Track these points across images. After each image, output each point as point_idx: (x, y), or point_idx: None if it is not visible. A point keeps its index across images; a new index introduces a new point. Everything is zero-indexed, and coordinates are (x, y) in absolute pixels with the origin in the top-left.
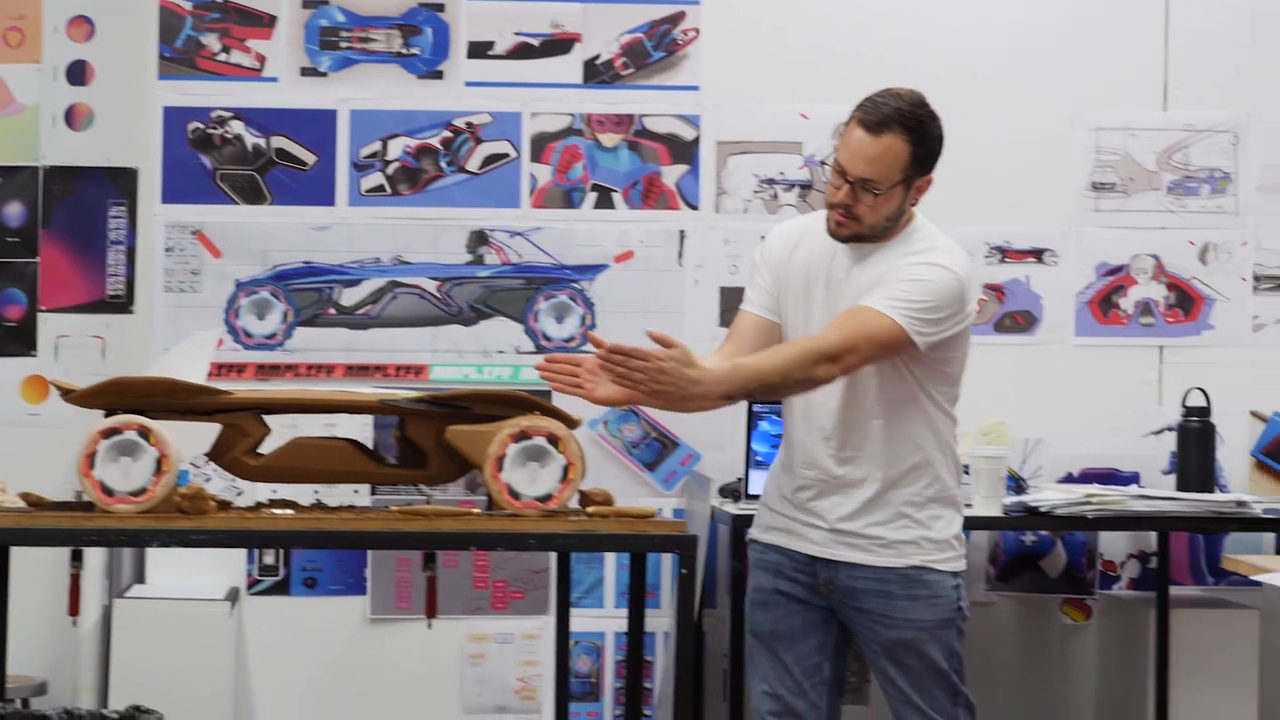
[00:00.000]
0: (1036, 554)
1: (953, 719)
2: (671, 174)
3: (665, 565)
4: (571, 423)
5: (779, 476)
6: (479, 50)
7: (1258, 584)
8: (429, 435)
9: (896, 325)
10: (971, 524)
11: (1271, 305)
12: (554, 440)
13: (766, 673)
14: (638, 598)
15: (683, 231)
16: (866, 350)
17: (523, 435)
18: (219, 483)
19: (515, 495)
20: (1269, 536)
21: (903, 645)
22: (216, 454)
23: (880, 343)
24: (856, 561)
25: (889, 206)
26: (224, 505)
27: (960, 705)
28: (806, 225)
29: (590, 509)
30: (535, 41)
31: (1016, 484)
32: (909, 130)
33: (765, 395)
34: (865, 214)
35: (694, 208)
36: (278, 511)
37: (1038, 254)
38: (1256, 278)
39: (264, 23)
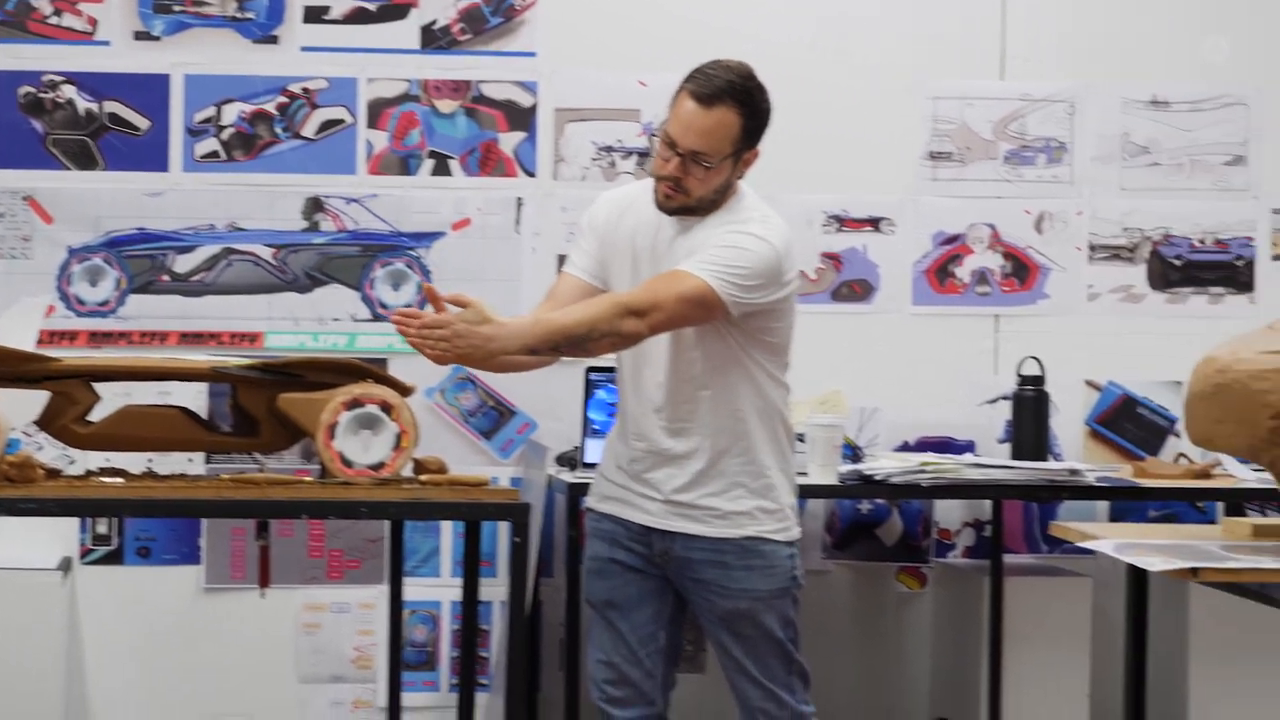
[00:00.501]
0: (872, 522)
1: (787, 687)
2: (509, 141)
3: (502, 534)
4: (405, 390)
5: (615, 446)
6: (314, 15)
7: (1091, 552)
8: (261, 403)
9: (706, 285)
10: (807, 492)
11: (1106, 274)
12: (387, 408)
13: (602, 642)
14: (472, 566)
15: (520, 199)
16: (673, 308)
17: (355, 403)
18: (52, 451)
19: (348, 463)
20: (1102, 504)
21: (739, 615)
22: (45, 422)
23: (689, 300)
24: (692, 533)
25: (718, 180)
26: (53, 474)
27: (795, 674)
28: (636, 193)
29: (424, 477)
30: (371, 6)
31: (853, 452)
32: (740, 103)
33: (573, 350)
34: (694, 187)
35: (531, 175)
36: (107, 480)
37: (875, 223)
38: (1091, 247)
39: None
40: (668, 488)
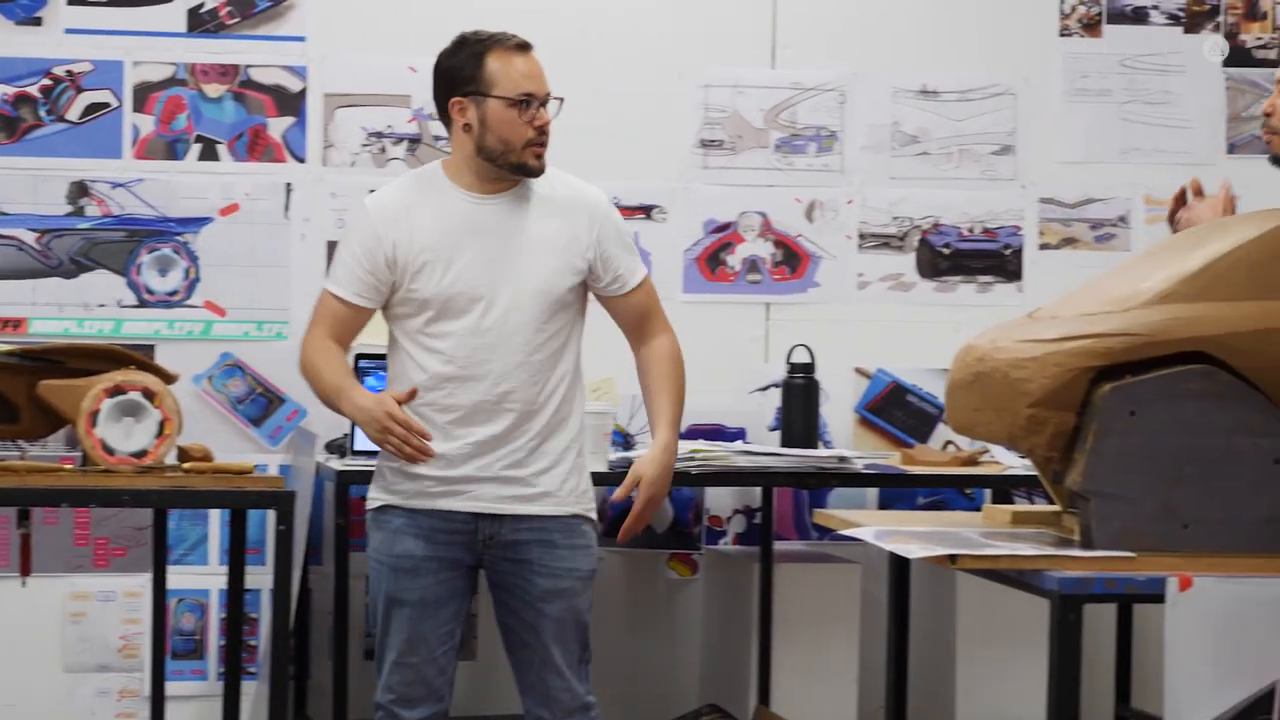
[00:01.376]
0: None
1: (580, 676)
2: (278, 126)
3: (271, 522)
4: (169, 378)
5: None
6: None
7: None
8: (21, 389)
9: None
10: None
11: (876, 263)
12: (149, 395)
13: (401, 643)
14: (238, 554)
15: (289, 184)
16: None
17: (117, 390)
18: None
19: (110, 451)
20: (872, 492)
21: (558, 594)
22: None
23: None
24: (522, 513)
25: None
26: None
27: (586, 661)
28: (408, 193)
29: (187, 465)
30: None
31: (624, 440)
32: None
33: None
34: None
35: (301, 160)
36: None
37: (647, 210)
38: (861, 235)
39: None
40: (496, 469)
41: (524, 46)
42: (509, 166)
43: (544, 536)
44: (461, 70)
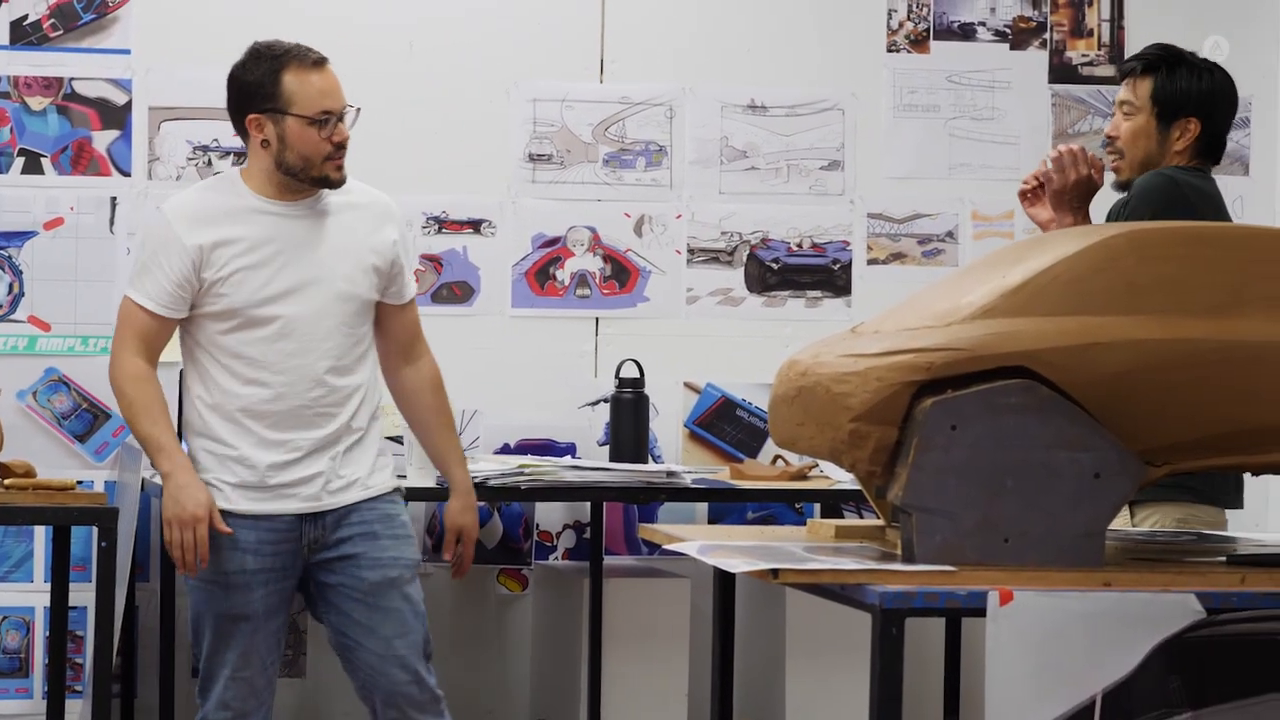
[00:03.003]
0: None
1: (427, 668)
2: (103, 139)
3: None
4: None
5: (244, 451)
6: None
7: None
8: None
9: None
10: (407, 495)
11: (705, 278)
12: None
13: (236, 658)
14: (61, 571)
15: (114, 198)
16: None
17: None
18: None
19: None
20: (702, 506)
21: (389, 585)
22: None
23: None
24: (345, 503)
25: None
26: None
27: (428, 655)
28: (216, 204)
29: (8, 481)
30: None
31: None
32: None
33: None
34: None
35: (126, 174)
36: None
37: (475, 225)
38: (690, 250)
39: None
40: (318, 468)
41: (320, 62)
42: (310, 180)
43: (367, 529)
44: (259, 86)
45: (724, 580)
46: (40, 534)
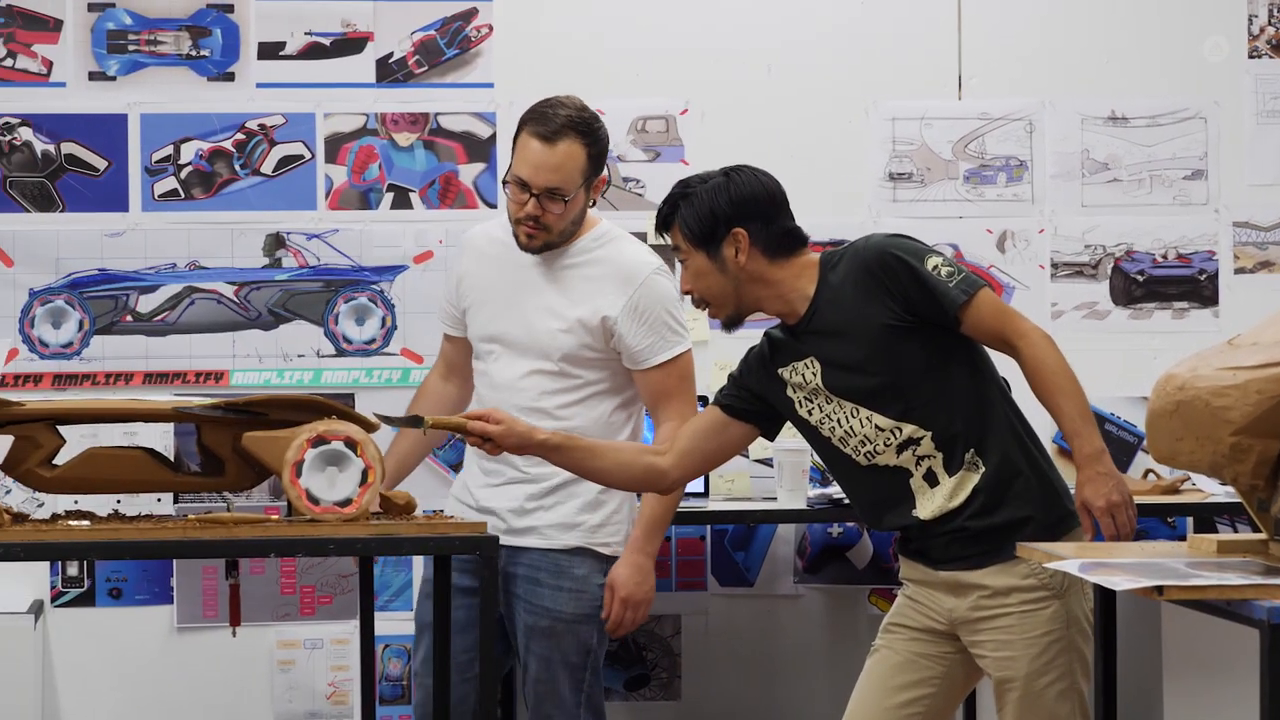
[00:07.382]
0: (843, 545)
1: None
2: (468, 172)
3: None
4: (369, 426)
5: (470, 469)
6: (270, 51)
7: None
8: (225, 442)
9: (688, 354)
10: (777, 517)
11: (1069, 292)
12: (352, 444)
13: (426, 665)
14: (444, 598)
15: None
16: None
17: (320, 440)
18: (20, 495)
19: (314, 500)
20: None
21: (539, 632)
22: (9, 466)
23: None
24: (522, 546)
25: (574, 210)
26: (20, 518)
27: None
28: (491, 233)
29: (391, 514)
30: (326, 41)
31: (821, 476)
32: (582, 134)
33: None
34: (554, 222)
35: (492, 206)
36: (73, 523)
37: (837, 245)
38: (1054, 265)
39: (49, 27)
40: (510, 504)
41: (550, 136)
42: (514, 233)
43: (532, 574)
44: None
45: (1105, 598)
46: (419, 564)
